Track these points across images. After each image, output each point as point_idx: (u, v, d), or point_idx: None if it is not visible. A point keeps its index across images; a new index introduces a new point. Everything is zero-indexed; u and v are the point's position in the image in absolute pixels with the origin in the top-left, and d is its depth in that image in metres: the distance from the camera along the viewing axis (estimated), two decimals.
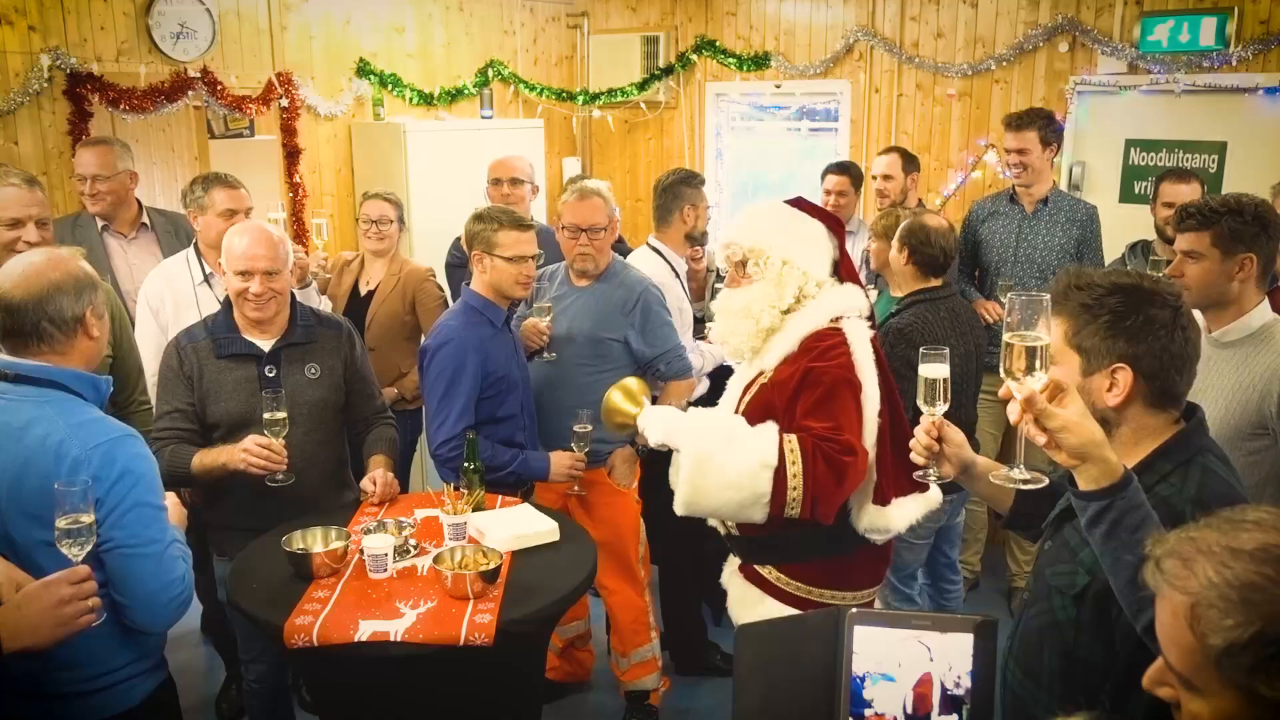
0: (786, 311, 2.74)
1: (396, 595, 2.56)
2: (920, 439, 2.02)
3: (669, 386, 3.72)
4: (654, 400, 3.67)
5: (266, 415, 2.87)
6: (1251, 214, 2.64)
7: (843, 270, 2.84)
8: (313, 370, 3.16)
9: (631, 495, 3.77)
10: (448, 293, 4.50)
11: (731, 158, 6.91)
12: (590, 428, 3.44)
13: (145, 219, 4.25)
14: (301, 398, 3.12)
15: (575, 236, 3.61)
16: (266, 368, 3.08)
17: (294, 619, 2.43)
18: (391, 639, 2.37)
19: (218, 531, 3.20)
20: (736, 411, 2.82)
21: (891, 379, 2.77)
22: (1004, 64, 5.50)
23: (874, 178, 5.00)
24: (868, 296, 2.86)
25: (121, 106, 4.91)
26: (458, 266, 4.37)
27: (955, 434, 2.04)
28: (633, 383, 2.96)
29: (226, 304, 3.15)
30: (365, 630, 2.39)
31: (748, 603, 2.83)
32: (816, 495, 2.52)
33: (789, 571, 2.77)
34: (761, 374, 2.78)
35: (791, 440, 2.54)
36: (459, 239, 4.12)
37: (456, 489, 2.91)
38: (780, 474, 2.51)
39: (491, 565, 2.59)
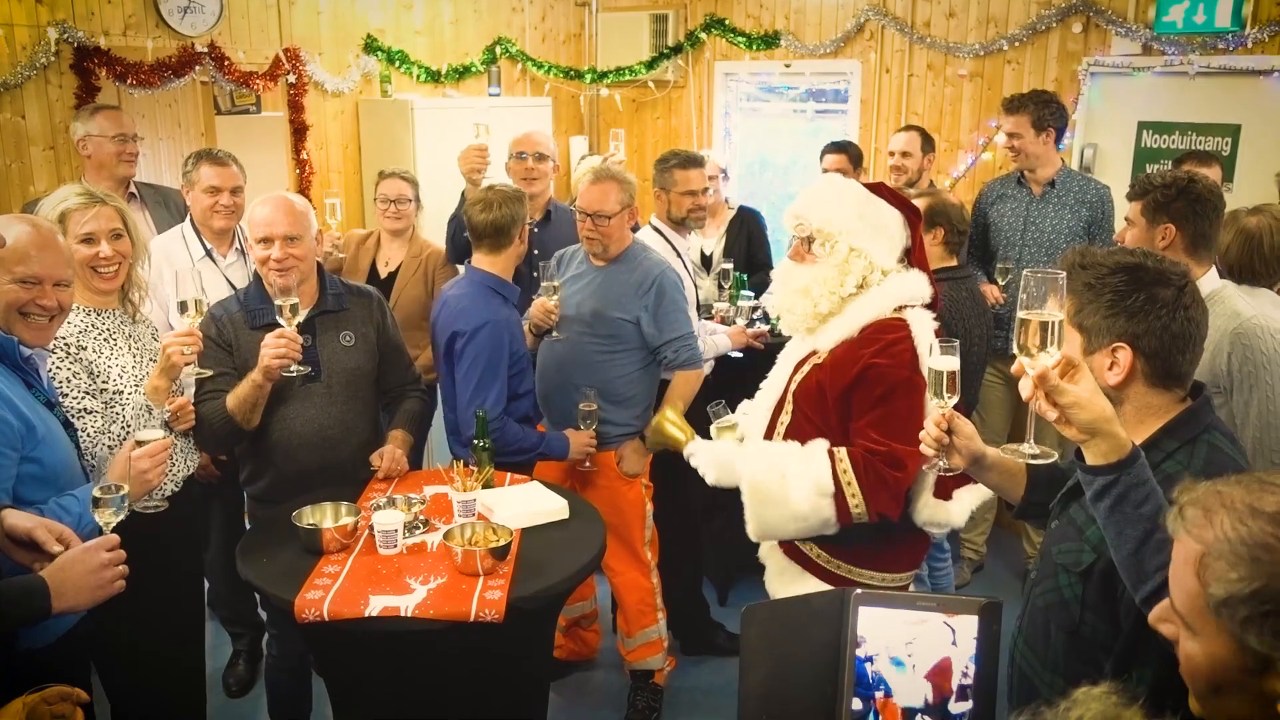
0: (847, 297, 2.70)
1: (406, 571, 2.58)
2: (930, 431, 2.04)
3: (676, 376, 3.70)
4: (661, 390, 3.70)
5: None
6: (1179, 189, 2.85)
7: (914, 258, 2.80)
8: (347, 338, 3.19)
9: (639, 480, 3.78)
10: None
11: (738, 139, 6.89)
12: (596, 406, 3.47)
13: (133, 189, 4.25)
14: (337, 365, 3.15)
15: (583, 220, 3.61)
16: (303, 336, 3.10)
17: (305, 593, 2.46)
18: (402, 614, 2.40)
19: (260, 504, 3.25)
20: (786, 389, 2.80)
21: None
22: (1016, 44, 5.48)
23: (890, 154, 4.99)
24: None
25: (129, 81, 4.92)
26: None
27: (965, 426, 2.06)
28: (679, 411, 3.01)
29: (258, 275, 3.18)
30: (376, 605, 2.41)
31: (787, 578, 2.82)
32: (878, 509, 2.57)
33: (831, 550, 2.75)
34: (815, 353, 2.75)
35: (843, 460, 2.56)
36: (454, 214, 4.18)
37: (466, 466, 2.93)
38: (839, 496, 2.56)
39: (501, 542, 2.61)
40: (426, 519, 2.86)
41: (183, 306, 2.83)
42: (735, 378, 4.34)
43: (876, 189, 2.81)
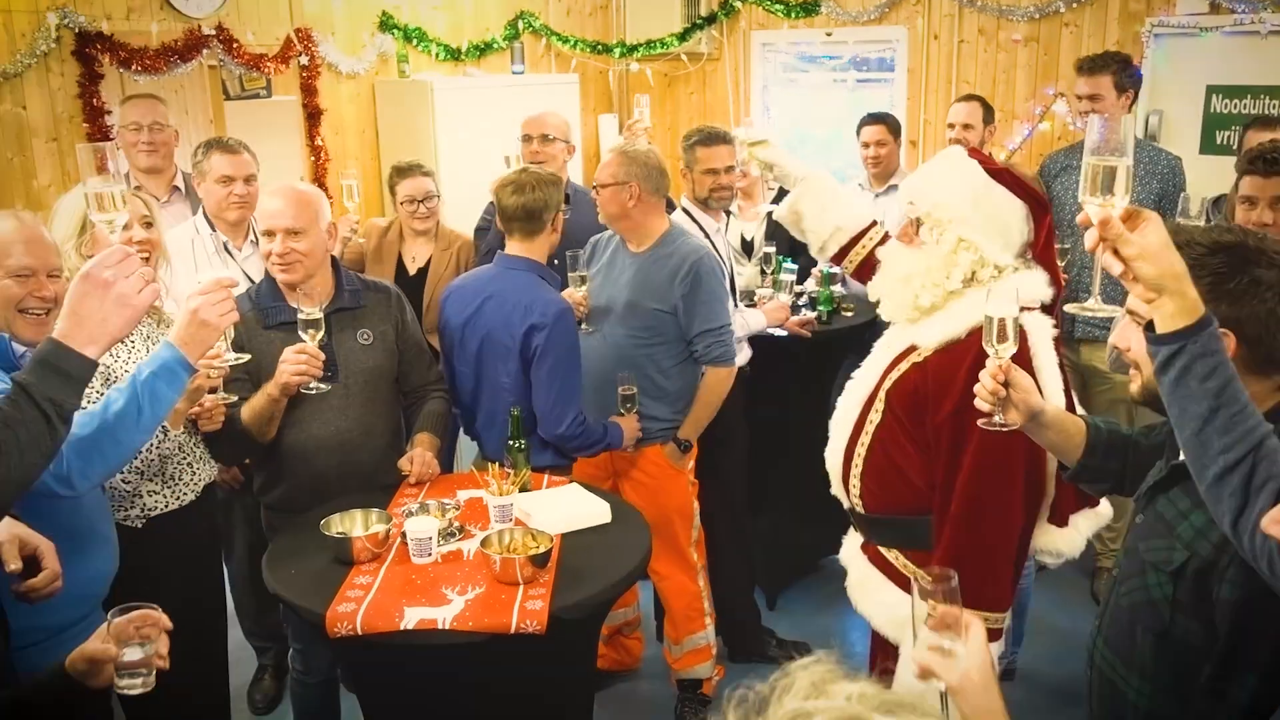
0: (953, 292, 2.57)
1: (442, 581, 2.56)
2: (986, 383, 2.00)
3: (707, 374, 3.65)
4: (692, 390, 3.66)
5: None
6: None
7: (1037, 254, 2.65)
8: (364, 336, 3.16)
9: (686, 476, 3.74)
10: None
11: (778, 112, 6.83)
12: (634, 389, 3.46)
13: (179, 183, 4.27)
14: (355, 365, 3.12)
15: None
16: (319, 335, 3.09)
17: (336, 606, 2.44)
18: (439, 627, 2.37)
19: (275, 514, 3.22)
20: (878, 386, 2.69)
21: (1069, 379, 2.65)
22: (1074, 6, 5.39)
23: (950, 126, 4.92)
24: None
25: (133, 67, 4.92)
26: (486, 230, 4.34)
27: (1023, 379, 2.01)
28: None
29: (269, 273, 3.16)
30: (411, 618, 2.39)
31: (868, 587, 2.74)
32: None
33: (917, 559, 2.64)
34: (915, 349, 2.62)
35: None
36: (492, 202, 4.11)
37: (501, 468, 2.91)
38: None
39: (542, 549, 2.58)
40: (461, 525, 2.84)
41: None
42: (779, 370, 4.30)
43: (1000, 174, 2.64)
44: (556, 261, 3.78)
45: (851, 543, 2.87)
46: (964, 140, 4.84)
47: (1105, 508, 2.70)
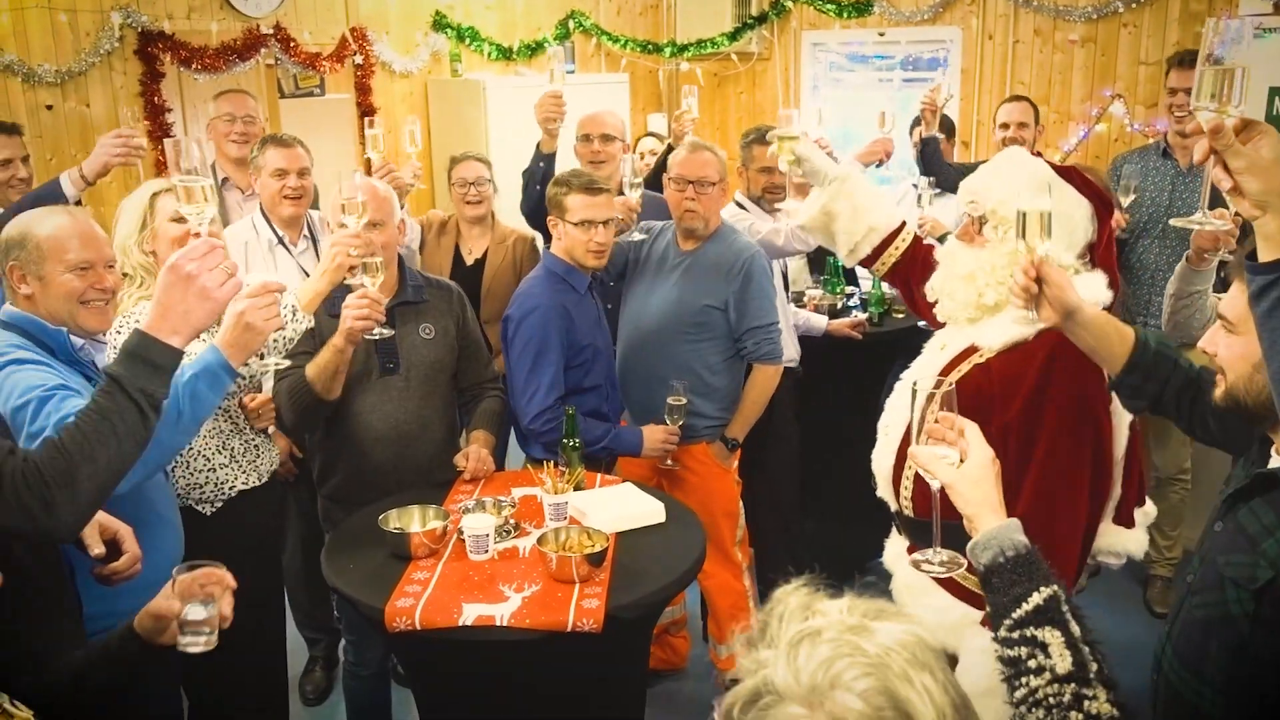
0: None
1: (499, 578, 2.59)
2: (1018, 279, 1.97)
3: (755, 371, 3.67)
4: (738, 388, 3.68)
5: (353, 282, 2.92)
6: None
7: (1098, 255, 2.62)
8: (427, 330, 3.22)
9: (731, 475, 3.76)
10: None
11: (827, 113, 6.81)
12: (685, 400, 3.43)
13: None
14: (416, 358, 3.19)
15: (683, 189, 3.59)
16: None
17: (395, 601, 2.47)
18: (497, 624, 2.40)
19: (332, 504, 3.28)
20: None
21: None
22: (1133, 6, 5.33)
23: (1003, 126, 4.88)
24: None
25: (193, 66, 5.01)
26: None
27: (1058, 275, 1.98)
28: None
29: None
30: (470, 614, 2.42)
31: (915, 591, 2.70)
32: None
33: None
34: (977, 350, 2.58)
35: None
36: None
37: (556, 466, 2.93)
38: None
39: (597, 548, 2.61)
40: (517, 523, 2.87)
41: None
42: (830, 371, 4.29)
43: (1068, 173, 2.63)
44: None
45: (895, 546, 2.85)
46: (1020, 140, 4.80)
47: (1149, 506, 2.68)
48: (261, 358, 2.87)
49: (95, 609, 2.19)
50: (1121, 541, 2.62)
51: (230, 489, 3.00)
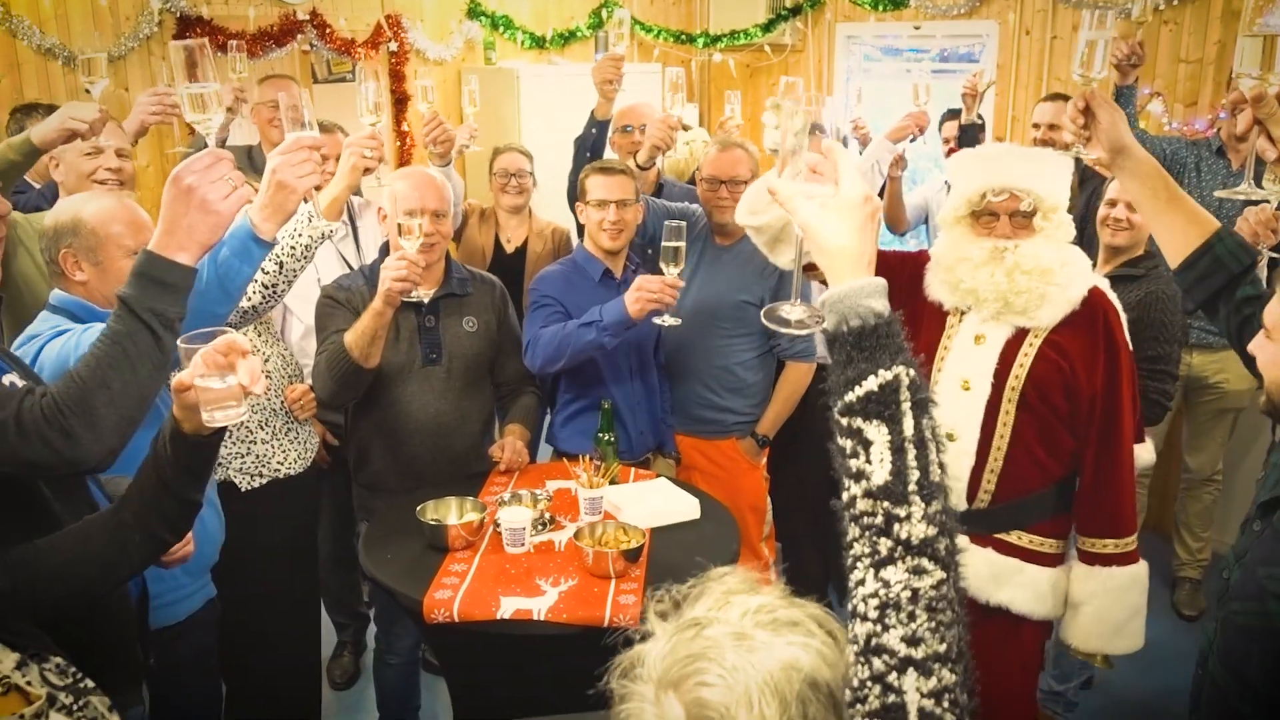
0: None
1: (536, 571, 2.61)
2: (1069, 109, 1.98)
3: (787, 368, 3.68)
4: (769, 385, 3.69)
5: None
6: None
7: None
8: (470, 323, 3.26)
9: (760, 471, 3.77)
10: None
11: (851, 103, 6.77)
12: (682, 244, 3.14)
13: None
14: (458, 350, 3.22)
15: (715, 189, 3.59)
16: (426, 318, 3.18)
17: (433, 593, 2.50)
18: (535, 617, 2.43)
19: (367, 493, 3.31)
20: (1004, 383, 2.61)
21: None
22: (1174, 2, 5.28)
23: (1035, 125, 4.84)
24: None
25: (230, 51, 5.02)
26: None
27: (1109, 112, 1.97)
28: None
29: (383, 252, 3.24)
30: (507, 608, 2.44)
31: (1004, 574, 2.70)
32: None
33: (1041, 530, 2.70)
34: (1032, 333, 2.60)
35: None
36: None
37: (591, 460, 2.95)
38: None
39: (634, 543, 2.63)
40: (553, 516, 2.89)
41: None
42: None
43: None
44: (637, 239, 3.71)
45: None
46: (1051, 140, 4.76)
47: (1149, 454, 2.88)
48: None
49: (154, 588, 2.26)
50: (1141, 459, 2.74)
51: (269, 467, 3.05)
